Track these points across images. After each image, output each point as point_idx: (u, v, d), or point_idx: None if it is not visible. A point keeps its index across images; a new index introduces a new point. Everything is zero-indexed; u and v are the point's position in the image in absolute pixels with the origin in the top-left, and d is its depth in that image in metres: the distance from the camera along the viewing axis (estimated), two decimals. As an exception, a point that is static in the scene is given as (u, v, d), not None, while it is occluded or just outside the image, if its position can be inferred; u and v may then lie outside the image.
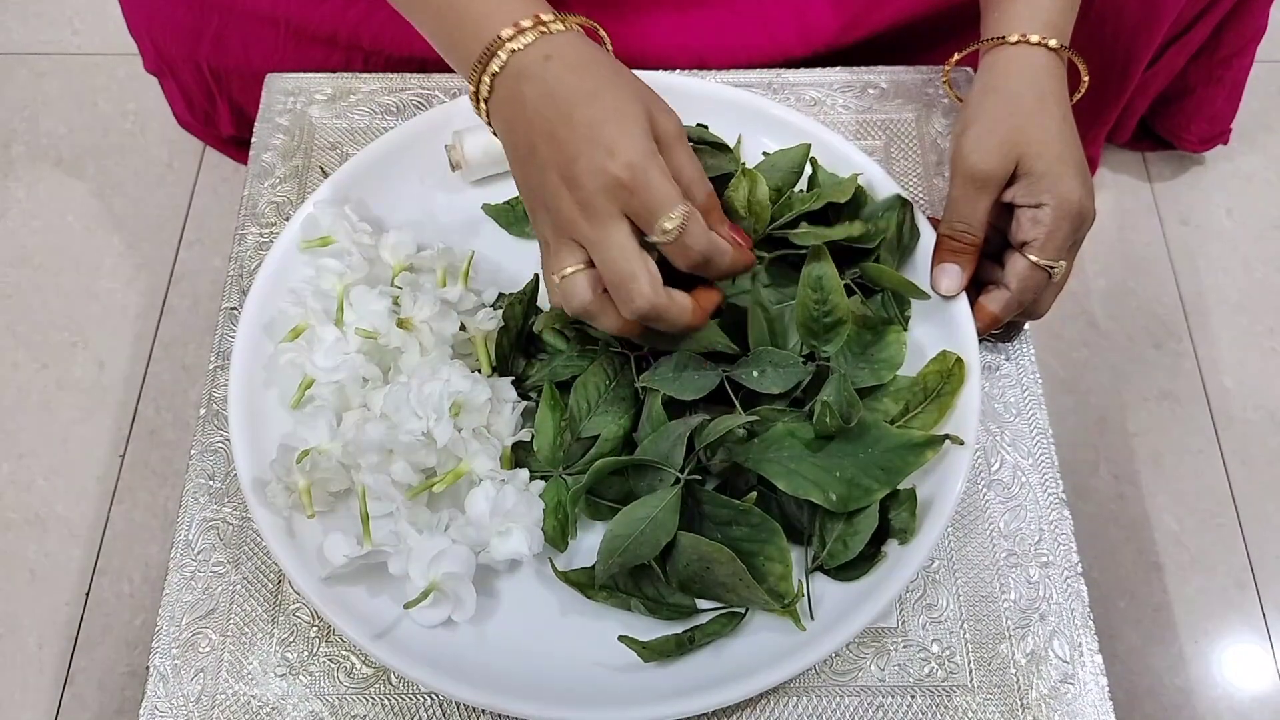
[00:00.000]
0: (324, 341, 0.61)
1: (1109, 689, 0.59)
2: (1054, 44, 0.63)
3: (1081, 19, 0.67)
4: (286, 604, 0.61)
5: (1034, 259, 0.61)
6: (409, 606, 0.55)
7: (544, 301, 0.67)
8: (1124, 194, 1.25)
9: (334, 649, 0.59)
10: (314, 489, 0.58)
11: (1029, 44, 0.63)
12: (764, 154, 0.71)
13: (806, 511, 0.59)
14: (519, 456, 0.62)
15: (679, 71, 0.77)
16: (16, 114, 1.31)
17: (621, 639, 0.56)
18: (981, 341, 0.64)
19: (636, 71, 0.72)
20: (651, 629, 0.57)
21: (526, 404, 0.63)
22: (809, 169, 0.70)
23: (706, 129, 0.71)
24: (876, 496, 0.56)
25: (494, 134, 0.57)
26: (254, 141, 0.77)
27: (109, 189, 1.26)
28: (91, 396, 1.13)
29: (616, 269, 0.52)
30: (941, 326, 0.64)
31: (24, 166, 1.28)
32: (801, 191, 0.68)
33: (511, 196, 0.72)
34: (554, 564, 0.58)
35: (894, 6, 0.83)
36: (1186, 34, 0.97)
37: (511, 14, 0.55)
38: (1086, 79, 0.68)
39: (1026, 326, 0.69)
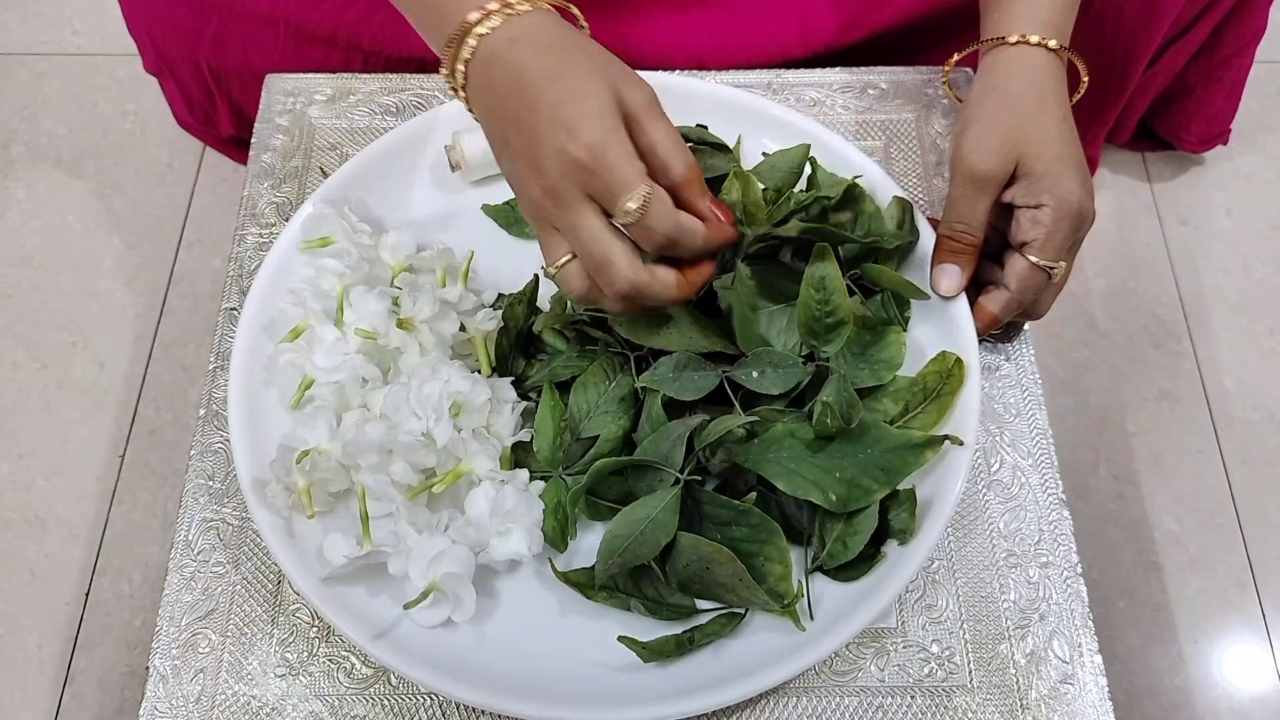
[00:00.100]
0: (324, 342, 0.61)
1: (1109, 689, 0.59)
2: (1054, 44, 0.63)
3: (1081, 19, 0.67)
4: (286, 604, 0.61)
5: (1034, 259, 0.61)
6: (409, 607, 0.55)
7: (544, 302, 0.67)
8: (1124, 194, 1.25)
9: (334, 649, 0.59)
10: (314, 489, 0.58)
11: (1029, 44, 0.63)
12: (764, 154, 0.71)
13: (806, 512, 0.59)
14: (519, 457, 0.62)
15: (679, 72, 0.77)
16: (16, 114, 1.31)
17: (621, 639, 0.56)
18: (981, 342, 0.64)
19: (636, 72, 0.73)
20: (651, 629, 0.57)
21: (526, 404, 0.63)
22: (809, 169, 0.70)
23: (706, 129, 0.71)
24: (876, 497, 0.56)
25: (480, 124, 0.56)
26: (254, 142, 0.77)
27: (109, 189, 1.26)
28: (91, 397, 1.13)
29: (591, 254, 0.52)
30: (941, 327, 0.64)
31: (24, 166, 1.28)
32: (801, 192, 0.68)
33: (511, 197, 0.72)
34: (554, 564, 0.58)
35: (894, 6, 0.83)
36: (1186, 34, 0.97)
37: (461, 8, 0.53)
38: (1086, 79, 0.68)
39: (1026, 327, 0.69)
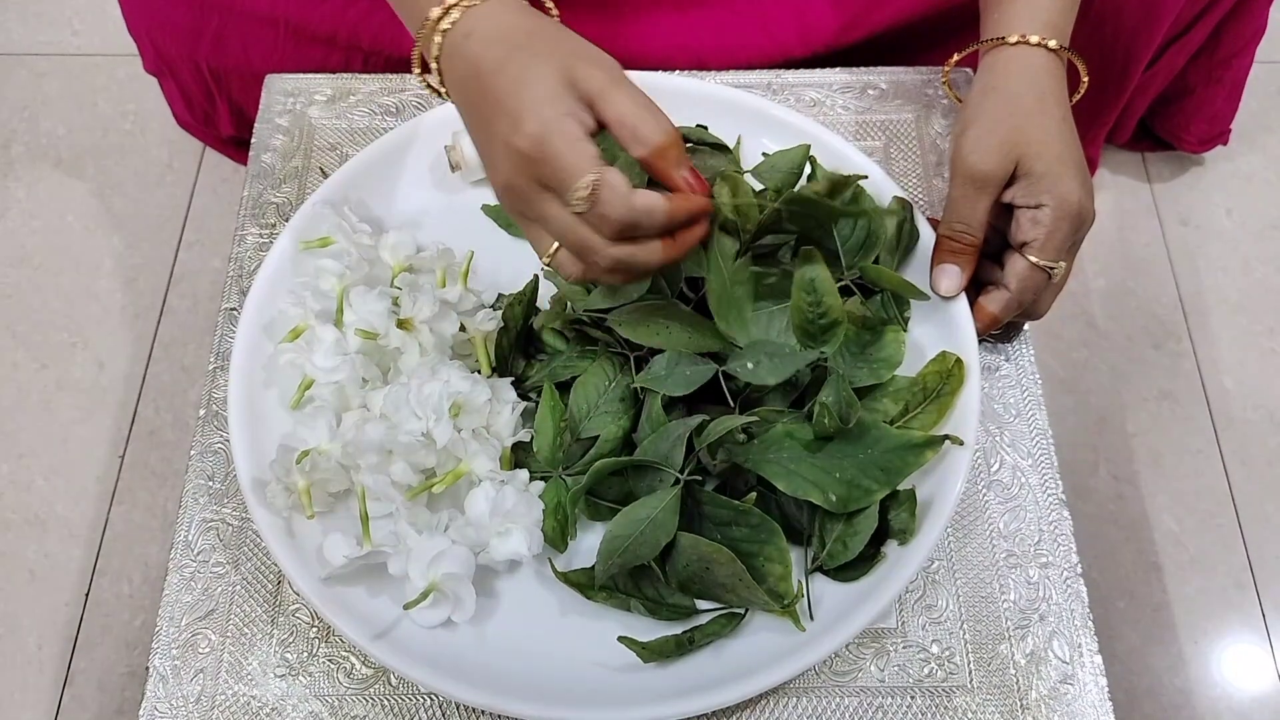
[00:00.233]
0: (323, 342, 0.61)
1: (1108, 689, 0.58)
2: (1053, 44, 0.63)
3: (1081, 19, 0.67)
4: (286, 605, 0.61)
5: (1033, 259, 0.61)
6: (409, 607, 0.55)
7: (544, 302, 0.67)
8: (1123, 194, 1.25)
9: (334, 649, 0.59)
10: (313, 490, 0.58)
11: (1028, 44, 0.63)
12: (764, 155, 0.71)
13: (806, 512, 0.59)
14: (519, 457, 0.62)
15: (679, 72, 0.77)
16: (16, 114, 1.31)
17: (621, 639, 0.56)
18: (981, 342, 0.64)
19: (634, 73, 0.73)
20: (651, 629, 0.57)
21: (526, 404, 0.63)
22: (809, 169, 0.70)
23: (706, 130, 0.71)
24: (876, 497, 0.56)
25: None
26: (254, 142, 0.77)
27: (109, 189, 1.26)
28: (91, 397, 1.13)
29: (568, 241, 0.51)
30: (941, 327, 0.64)
31: (24, 167, 1.28)
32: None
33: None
34: (553, 564, 0.58)
35: (893, 6, 0.83)
36: (1186, 34, 0.97)
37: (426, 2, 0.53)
38: (1086, 79, 0.68)
39: (1026, 327, 0.69)
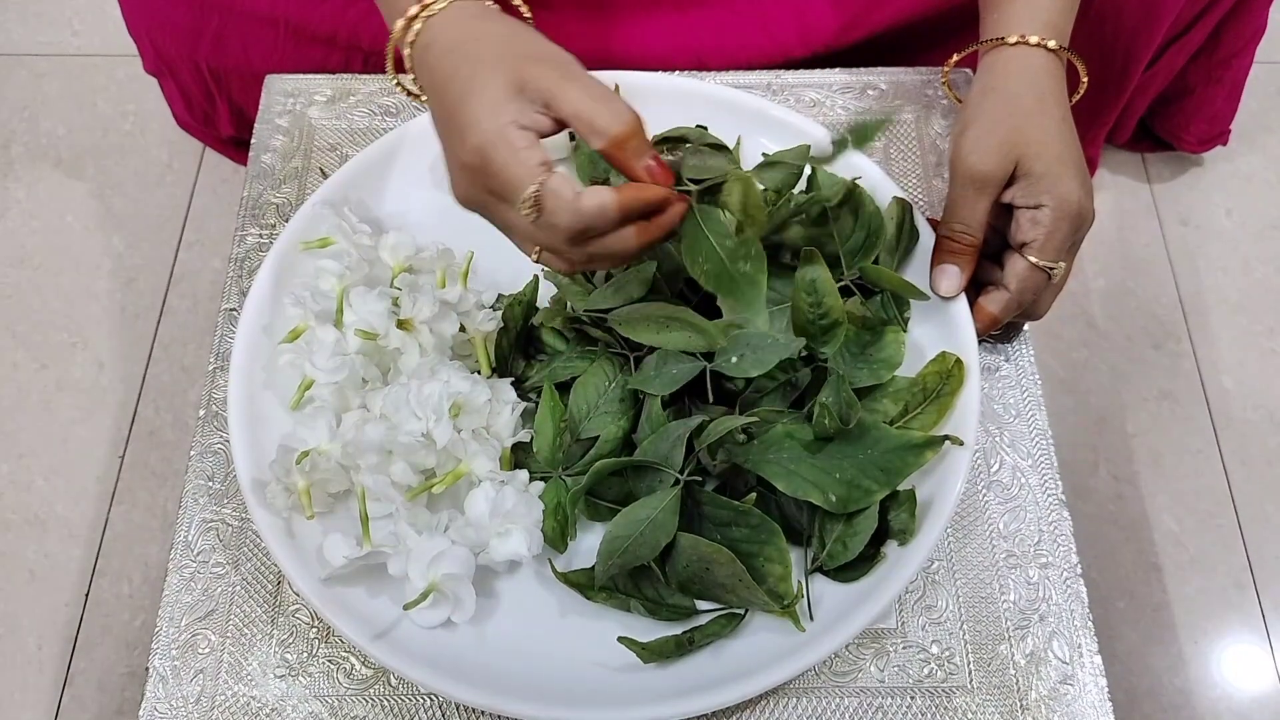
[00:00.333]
0: (323, 343, 0.61)
1: (1108, 690, 0.58)
2: (1053, 45, 0.63)
3: (1081, 19, 0.67)
4: (286, 605, 0.61)
5: (1033, 260, 0.61)
6: (408, 607, 0.55)
7: (544, 302, 0.67)
8: (1123, 195, 1.25)
9: (333, 650, 0.59)
10: (313, 490, 0.58)
11: (1028, 45, 0.63)
12: (763, 155, 0.71)
13: (806, 512, 0.59)
14: (518, 457, 0.62)
15: (679, 72, 0.77)
16: (16, 115, 1.31)
17: (621, 640, 0.56)
18: (981, 342, 0.64)
19: (634, 73, 0.73)
20: (651, 630, 0.57)
21: (526, 405, 0.63)
22: (808, 170, 0.70)
23: (706, 130, 0.71)
24: (876, 497, 0.56)
25: None
26: (254, 143, 0.77)
27: (109, 190, 1.26)
28: (91, 397, 1.13)
29: (538, 245, 0.51)
30: (941, 327, 0.64)
31: (24, 167, 1.28)
32: (801, 193, 0.68)
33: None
34: (553, 565, 0.58)
35: (893, 7, 0.83)
36: (1186, 34, 0.97)
37: (404, 2, 0.52)
38: (1085, 80, 0.68)
39: (1026, 327, 0.69)
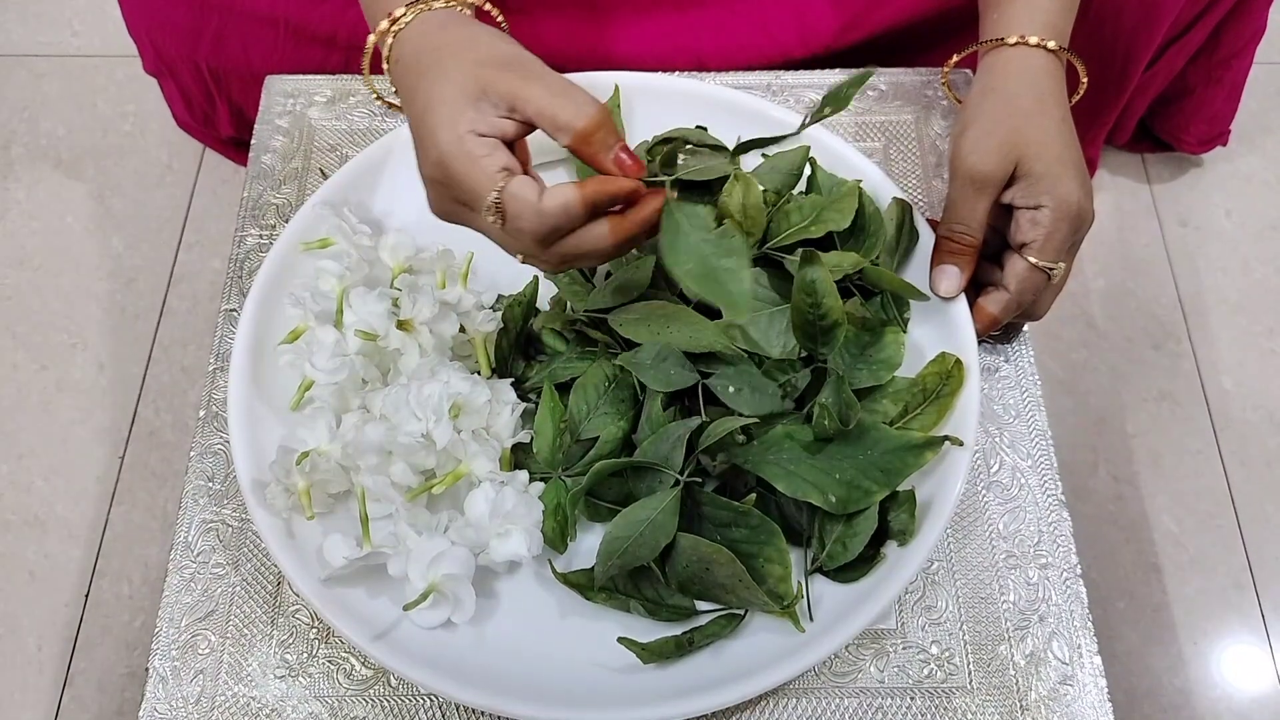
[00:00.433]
0: (323, 343, 0.61)
1: (1108, 690, 0.59)
2: (1053, 45, 0.63)
3: (1080, 20, 0.67)
4: (286, 606, 0.61)
5: (1033, 260, 0.61)
6: (408, 608, 0.55)
7: (544, 303, 0.67)
8: (1123, 195, 1.25)
9: (333, 651, 0.59)
10: (313, 491, 0.58)
11: (1028, 45, 0.63)
12: (763, 156, 0.71)
13: (806, 513, 0.59)
14: (518, 458, 0.62)
15: (678, 73, 0.77)
16: (16, 115, 1.31)
17: (621, 640, 0.56)
18: (981, 343, 0.64)
19: (634, 74, 0.73)
20: (651, 630, 0.57)
21: (526, 406, 0.63)
22: (808, 171, 0.70)
23: (706, 131, 0.71)
24: (876, 498, 0.56)
25: None
26: (254, 143, 0.77)
27: (108, 190, 1.26)
28: (91, 398, 1.13)
29: (513, 251, 0.52)
30: (941, 328, 0.64)
31: (23, 168, 1.28)
32: (801, 193, 0.68)
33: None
34: (553, 565, 0.58)
35: (893, 7, 0.83)
36: (1185, 35, 0.97)
37: (377, 15, 0.53)
38: (1085, 80, 0.68)
39: (1025, 328, 0.69)
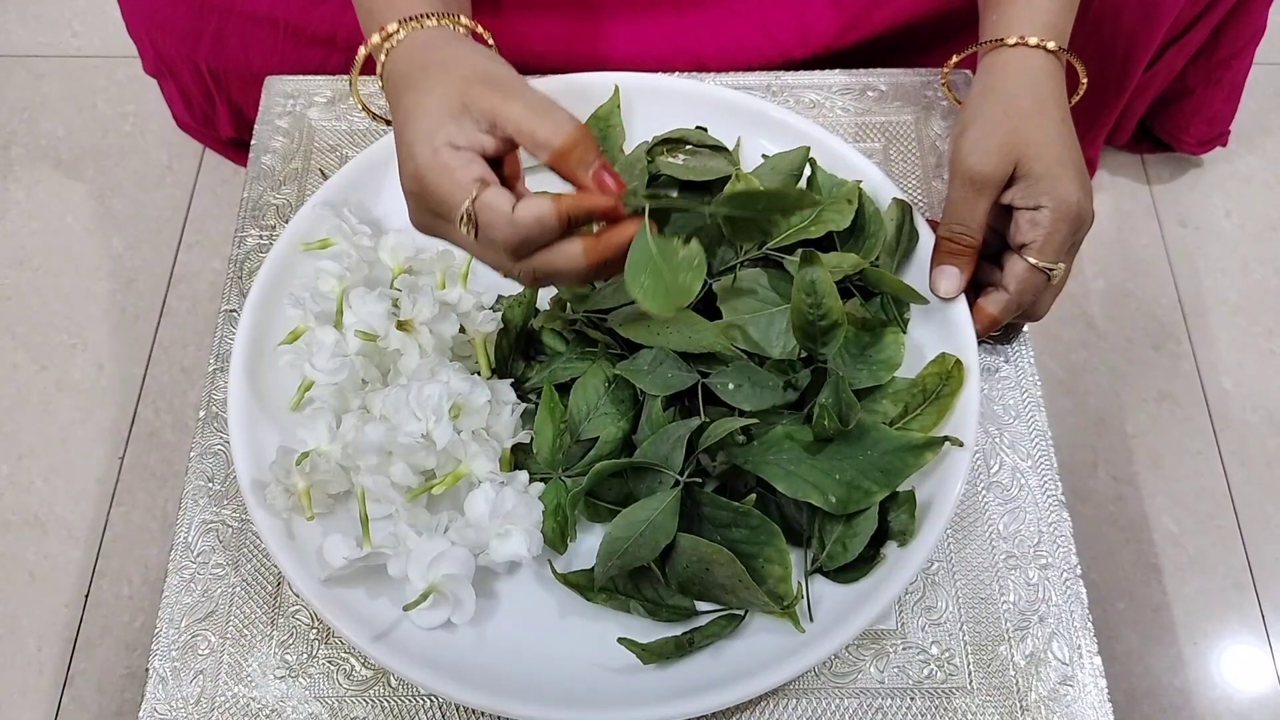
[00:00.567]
0: (323, 344, 0.61)
1: (1108, 690, 0.59)
2: (1052, 46, 0.63)
3: (1080, 20, 0.67)
4: (286, 606, 0.61)
5: (1033, 261, 0.61)
6: (408, 608, 0.55)
7: (543, 304, 0.67)
8: (1123, 196, 1.25)
9: (333, 651, 0.59)
10: (313, 491, 0.58)
11: (1027, 46, 0.63)
12: (763, 156, 0.71)
13: (806, 513, 0.59)
14: (518, 458, 0.62)
15: (678, 73, 0.78)
16: (16, 116, 1.31)
17: (621, 641, 0.56)
18: (980, 343, 0.64)
19: (634, 74, 0.73)
20: (651, 631, 0.57)
21: (526, 406, 0.63)
22: (808, 171, 0.70)
23: (706, 131, 0.71)
24: (876, 498, 0.56)
25: None
26: (253, 144, 0.77)
27: (108, 191, 1.26)
28: (91, 398, 1.13)
29: (489, 265, 0.52)
30: (940, 328, 0.64)
31: (23, 168, 1.28)
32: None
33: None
34: (553, 566, 0.58)
35: (893, 8, 0.83)
36: (1185, 35, 0.97)
37: (370, 28, 0.54)
38: (1085, 81, 0.68)
39: (1025, 328, 0.69)
